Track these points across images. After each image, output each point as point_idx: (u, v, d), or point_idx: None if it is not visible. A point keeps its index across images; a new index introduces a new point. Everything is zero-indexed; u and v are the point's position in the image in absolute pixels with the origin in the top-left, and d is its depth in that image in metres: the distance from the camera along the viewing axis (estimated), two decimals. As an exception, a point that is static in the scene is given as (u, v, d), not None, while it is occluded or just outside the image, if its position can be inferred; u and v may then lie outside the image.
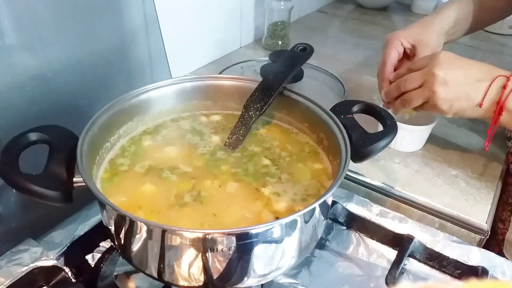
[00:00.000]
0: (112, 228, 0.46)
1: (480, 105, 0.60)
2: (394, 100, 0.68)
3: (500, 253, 0.69)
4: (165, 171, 0.53)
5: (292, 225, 0.44)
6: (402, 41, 0.74)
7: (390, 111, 0.68)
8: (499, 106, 0.59)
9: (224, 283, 0.45)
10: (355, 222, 0.61)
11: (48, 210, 0.51)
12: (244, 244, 0.42)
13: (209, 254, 0.41)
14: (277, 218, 0.48)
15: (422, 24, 0.76)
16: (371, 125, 0.60)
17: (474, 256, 0.56)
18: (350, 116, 0.55)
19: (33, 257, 0.53)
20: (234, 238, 0.41)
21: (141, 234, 0.43)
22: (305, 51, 0.62)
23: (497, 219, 0.79)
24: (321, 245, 0.58)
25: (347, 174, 0.62)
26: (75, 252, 0.55)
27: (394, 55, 0.74)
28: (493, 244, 0.78)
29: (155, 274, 0.46)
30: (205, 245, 0.41)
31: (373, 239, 0.59)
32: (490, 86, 0.59)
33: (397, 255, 0.55)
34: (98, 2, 0.61)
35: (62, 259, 0.54)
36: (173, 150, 0.57)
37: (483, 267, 0.54)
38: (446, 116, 0.64)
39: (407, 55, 0.76)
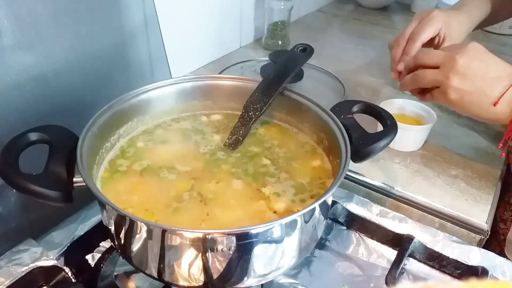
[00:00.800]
0: (112, 228, 0.46)
1: (494, 104, 0.56)
2: (406, 74, 0.66)
3: (502, 253, 0.69)
4: (165, 171, 0.53)
5: (292, 225, 0.44)
6: (442, 26, 0.72)
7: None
8: None
9: (224, 283, 0.45)
10: (355, 222, 0.61)
11: (48, 210, 0.51)
12: (244, 244, 0.42)
13: (209, 254, 0.41)
14: (274, 212, 0.48)
15: (461, 21, 0.75)
16: (371, 125, 0.60)
17: (474, 256, 0.56)
18: (350, 116, 0.55)
19: (33, 257, 0.53)
20: (234, 238, 0.41)
21: (141, 234, 0.43)
22: (305, 52, 0.62)
23: (498, 219, 0.78)
24: (321, 245, 0.58)
25: (347, 174, 0.62)
26: (75, 252, 0.55)
27: (430, 34, 0.72)
28: (494, 244, 0.78)
29: (155, 274, 0.46)
30: (205, 245, 0.41)
31: (373, 239, 0.59)
32: (511, 87, 0.56)
33: (397, 255, 0.55)
34: (98, 2, 0.61)
35: (62, 259, 0.54)
36: (173, 150, 0.57)
37: (483, 267, 0.54)
38: (453, 108, 0.61)
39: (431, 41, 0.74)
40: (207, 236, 0.40)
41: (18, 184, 0.42)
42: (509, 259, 0.56)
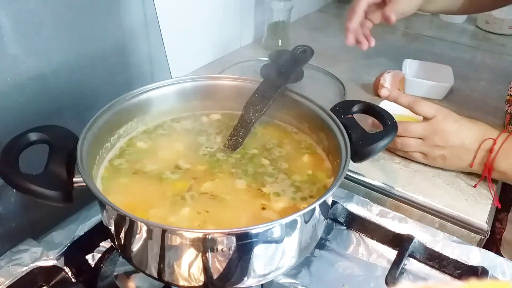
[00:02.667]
0: (112, 228, 0.46)
1: (471, 165, 0.66)
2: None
3: (498, 252, 0.69)
4: (164, 171, 0.53)
5: (292, 225, 0.44)
6: None
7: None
8: (487, 168, 0.64)
9: (224, 283, 0.45)
10: (355, 222, 0.61)
11: (48, 210, 0.51)
12: (244, 244, 0.42)
13: (209, 254, 0.41)
14: (274, 212, 0.48)
15: None
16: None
17: (474, 256, 0.56)
18: (350, 116, 0.55)
19: (33, 257, 0.53)
20: (234, 238, 0.41)
21: (141, 234, 0.43)
22: (305, 53, 0.62)
23: (495, 219, 0.79)
24: (321, 245, 0.58)
25: (347, 174, 0.62)
26: (75, 252, 0.55)
27: (364, 3, 0.76)
28: (491, 244, 0.78)
29: (155, 274, 0.46)
30: (205, 245, 0.41)
31: (373, 239, 0.59)
32: (478, 150, 0.64)
33: (397, 255, 0.55)
34: (98, 2, 0.61)
35: (62, 259, 0.54)
36: (173, 150, 0.57)
37: (483, 267, 0.54)
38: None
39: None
40: (207, 236, 0.40)
41: (18, 184, 0.42)
42: (508, 259, 0.56)
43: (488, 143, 0.63)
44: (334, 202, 0.62)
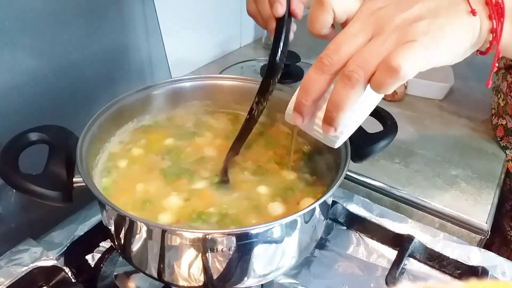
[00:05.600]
0: (112, 228, 0.46)
1: (472, 11, 0.37)
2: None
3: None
4: (164, 171, 0.53)
5: (292, 225, 0.44)
6: None
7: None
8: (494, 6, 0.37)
9: (224, 283, 0.45)
10: (355, 222, 0.61)
11: (48, 210, 0.51)
12: (244, 244, 0.42)
13: (209, 254, 0.41)
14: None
15: None
16: (371, 125, 0.60)
17: (474, 256, 0.56)
18: (350, 116, 0.55)
19: (33, 257, 0.53)
20: (234, 238, 0.41)
21: (141, 234, 0.43)
22: None
23: (508, 228, 0.77)
24: (321, 245, 0.58)
25: (347, 174, 0.62)
26: (75, 252, 0.55)
27: None
28: (507, 252, 0.77)
29: (155, 274, 0.46)
30: (205, 245, 0.41)
31: (373, 239, 0.59)
32: None
33: (397, 255, 0.55)
34: (98, 2, 0.61)
35: (62, 259, 0.54)
36: (174, 150, 0.57)
37: (483, 267, 0.54)
38: (424, 66, 0.36)
39: None
40: (207, 237, 0.40)
41: (18, 184, 0.42)
42: (509, 259, 0.56)
43: None
44: (334, 202, 0.62)
